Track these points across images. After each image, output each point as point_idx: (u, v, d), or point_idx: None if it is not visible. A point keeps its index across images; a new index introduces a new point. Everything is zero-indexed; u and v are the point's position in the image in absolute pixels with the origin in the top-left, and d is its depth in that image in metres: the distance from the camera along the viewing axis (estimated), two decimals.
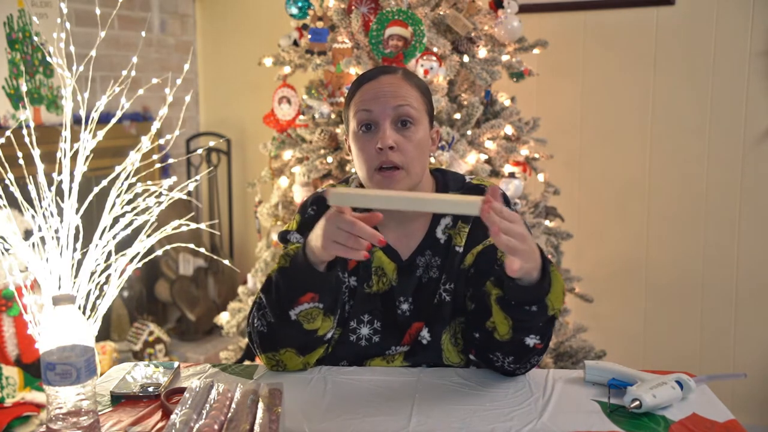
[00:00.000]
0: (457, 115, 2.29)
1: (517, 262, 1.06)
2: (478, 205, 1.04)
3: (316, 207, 1.39)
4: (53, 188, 1.34)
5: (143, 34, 3.32)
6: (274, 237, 2.53)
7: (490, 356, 1.26)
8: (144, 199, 1.46)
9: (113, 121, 1.48)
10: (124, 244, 1.44)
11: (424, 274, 1.35)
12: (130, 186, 1.43)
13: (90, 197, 1.43)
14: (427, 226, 1.36)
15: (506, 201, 1.36)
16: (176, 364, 1.34)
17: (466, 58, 2.31)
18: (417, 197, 1.21)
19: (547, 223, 2.57)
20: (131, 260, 1.46)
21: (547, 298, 1.16)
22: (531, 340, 1.20)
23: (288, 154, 2.51)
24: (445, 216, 1.35)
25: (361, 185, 1.38)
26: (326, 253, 1.16)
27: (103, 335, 3.17)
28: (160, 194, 1.46)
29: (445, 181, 1.39)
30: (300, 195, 2.41)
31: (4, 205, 1.34)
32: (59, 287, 1.34)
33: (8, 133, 1.43)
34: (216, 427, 1.01)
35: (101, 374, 1.32)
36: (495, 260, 1.30)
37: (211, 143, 2.10)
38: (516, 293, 1.15)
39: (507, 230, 1.05)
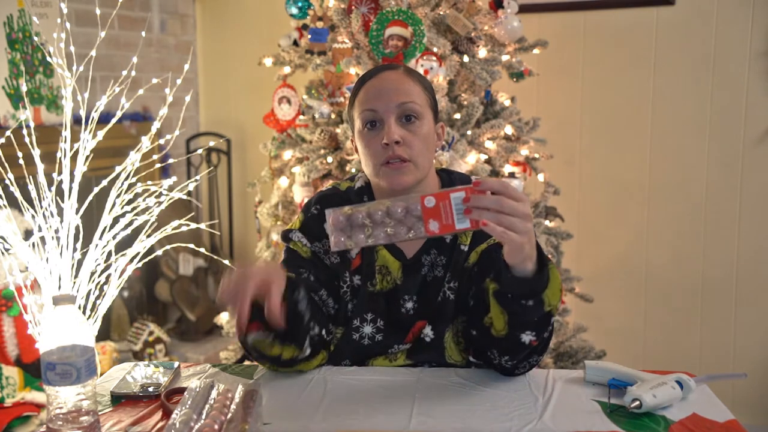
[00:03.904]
0: (457, 115, 2.29)
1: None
2: None
3: (319, 206, 1.38)
4: (53, 188, 1.34)
5: (143, 34, 3.32)
6: (274, 237, 2.53)
7: (488, 354, 1.26)
8: (144, 199, 1.46)
9: (113, 121, 1.48)
10: (124, 244, 1.45)
11: (429, 272, 1.35)
12: (130, 186, 1.43)
13: (90, 197, 1.43)
14: None
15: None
16: (176, 364, 1.34)
17: (466, 58, 2.31)
18: None
19: (547, 223, 2.57)
20: (131, 260, 1.46)
21: (543, 293, 1.16)
22: (526, 337, 1.20)
23: (288, 154, 2.51)
24: None
25: (368, 183, 1.38)
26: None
27: (103, 335, 3.17)
28: (160, 194, 1.46)
29: (451, 180, 1.38)
30: (300, 195, 2.41)
31: (4, 205, 1.34)
32: (59, 287, 1.34)
33: (8, 133, 1.43)
34: (216, 427, 1.01)
35: (101, 374, 1.32)
36: (498, 259, 1.30)
37: (211, 143, 2.11)
38: (512, 285, 1.15)
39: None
